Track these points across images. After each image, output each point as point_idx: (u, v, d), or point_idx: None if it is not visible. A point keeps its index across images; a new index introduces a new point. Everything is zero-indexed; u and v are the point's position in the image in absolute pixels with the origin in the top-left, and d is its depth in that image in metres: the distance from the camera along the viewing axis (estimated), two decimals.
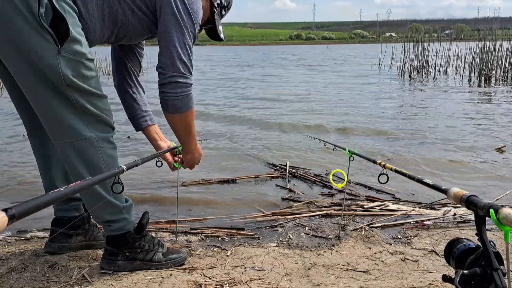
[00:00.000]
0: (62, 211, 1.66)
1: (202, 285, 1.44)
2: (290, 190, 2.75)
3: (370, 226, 2.09)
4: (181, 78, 1.37)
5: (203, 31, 1.64)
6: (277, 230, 2.07)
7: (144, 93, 1.72)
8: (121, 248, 1.51)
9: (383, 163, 1.28)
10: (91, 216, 1.75)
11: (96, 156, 1.39)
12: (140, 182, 2.94)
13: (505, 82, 10.05)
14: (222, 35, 1.65)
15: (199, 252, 1.78)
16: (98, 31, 1.37)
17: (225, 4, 1.61)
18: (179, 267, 1.60)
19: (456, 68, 12.30)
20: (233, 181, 2.98)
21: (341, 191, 2.66)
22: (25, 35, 1.18)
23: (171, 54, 1.36)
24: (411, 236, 1.97)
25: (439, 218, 2.18)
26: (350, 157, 1.75)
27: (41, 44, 1.20)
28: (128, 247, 1.52)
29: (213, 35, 1.64)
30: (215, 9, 1.56)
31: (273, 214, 2.29)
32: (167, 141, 1.78)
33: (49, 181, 1.60)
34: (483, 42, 10.46)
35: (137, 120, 1.69)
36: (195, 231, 2.02)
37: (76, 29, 1.26)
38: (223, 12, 1.62)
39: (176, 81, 1.37)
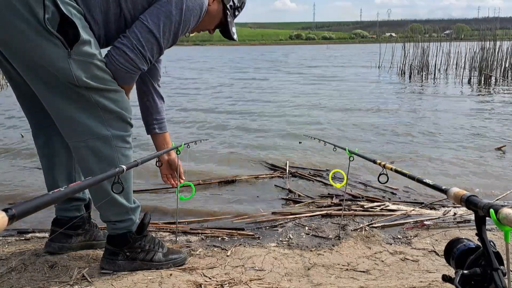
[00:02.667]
0: (63, 211, 1.66)
1: (202, 285, 1.44)
2: (290, 191, 2.75)
3: (370, 226, 2.09)
4: (132, 53, 1.33)
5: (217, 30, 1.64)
6: (277, 230, 2.07)
7: (161, 99, 1.71)
8: (122, 247, 1.51)
9: (383, 163, 1.28)
10: (91, 216, 1.76)
11: (111, 156, 1.39)
12: (139, 182, 2.93)
13: (505, 82, 10.05)
14: (235, 36, 1.65)
15: (199, 252, 1.78)
16: (102, 35, 1.37)
17: (238, 5, 1.60)
18: (179, 267, 1.60)
19: (456, 68, 12.29)
20: (233, 181, 2.98)
21: (341, 191, 2.66)
22: (32, 42, 1.19)
23: (145, 34, 1.33)
24: (411, 236, 1.97)
25: (439, 218, 2.18)
26: (350, 157, 1.75)
27: (50, 49, 1.21)
28: (128, 246, 1.52)
29: (226, 35, 1.64)
30: (228, 12, 1.56)
31: (273, 214, 2.29)
32: (171, 155, 1.76)
33: (52, 181, 1.60)
34: (483, 42, 10.45)
35: (147, 126, 1.71)
36: (195, 231, 2.02)
37: (84, 31, 1.26)
38: (236, 13, 1.62)
39: (125, 51, 1.33)
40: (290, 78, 12.87)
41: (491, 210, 0.63)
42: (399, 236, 1.98)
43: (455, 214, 2.22)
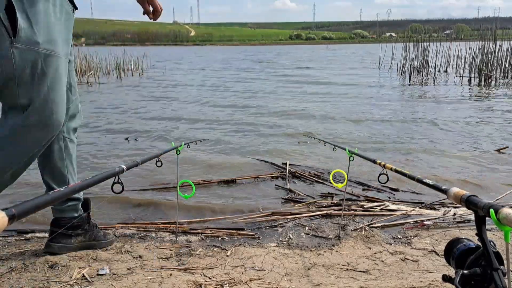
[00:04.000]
0: (60, 212, 1.66)
1: (202, 285, 1.44)
2: (290, 190, 2.75)
3: (370, 226, 2.09)
4: None
5: None
6: (277, 230, 2.07)
7: None
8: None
9: (383, 163, 1.28)
10: (90, 217, 1.76)
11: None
12: (140, 182, 2.93)
13: (505, 82, 10.04)
14: None
15: (199, 252, 1.78)
16: None
17: None
18: (179, 267, 1.60)
19: (456, 68, 12.30)
20: (233, 181, 2.98)
21: (341, 191, 2.66)
22: None
23: None
24: (411, 236, 1.97)
25: (439, 218, 2.18)
26: (350, 157, 1.75)
27: None
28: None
29: None
30: None
31: (273, 214, 2.29)
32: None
33: (42, 178, 1.62)
34: (483, 42, 10.45)
35: None
36: (195, 231, 2.02)
37: (35, 15, 1.19)
38: None
39: None
40: (290, 78, 12.87)
41: (491, 210, 0.63)
42: (399, 236, 1.98)
43: (455, 214, 2.22)
